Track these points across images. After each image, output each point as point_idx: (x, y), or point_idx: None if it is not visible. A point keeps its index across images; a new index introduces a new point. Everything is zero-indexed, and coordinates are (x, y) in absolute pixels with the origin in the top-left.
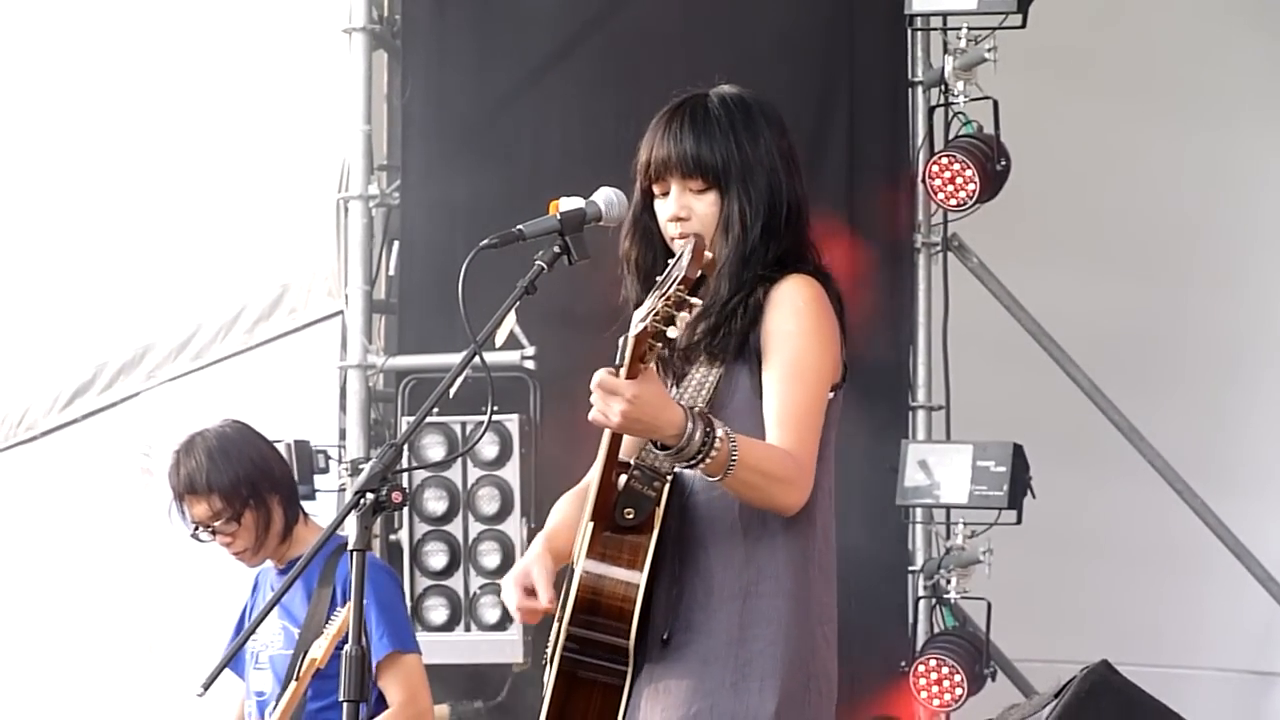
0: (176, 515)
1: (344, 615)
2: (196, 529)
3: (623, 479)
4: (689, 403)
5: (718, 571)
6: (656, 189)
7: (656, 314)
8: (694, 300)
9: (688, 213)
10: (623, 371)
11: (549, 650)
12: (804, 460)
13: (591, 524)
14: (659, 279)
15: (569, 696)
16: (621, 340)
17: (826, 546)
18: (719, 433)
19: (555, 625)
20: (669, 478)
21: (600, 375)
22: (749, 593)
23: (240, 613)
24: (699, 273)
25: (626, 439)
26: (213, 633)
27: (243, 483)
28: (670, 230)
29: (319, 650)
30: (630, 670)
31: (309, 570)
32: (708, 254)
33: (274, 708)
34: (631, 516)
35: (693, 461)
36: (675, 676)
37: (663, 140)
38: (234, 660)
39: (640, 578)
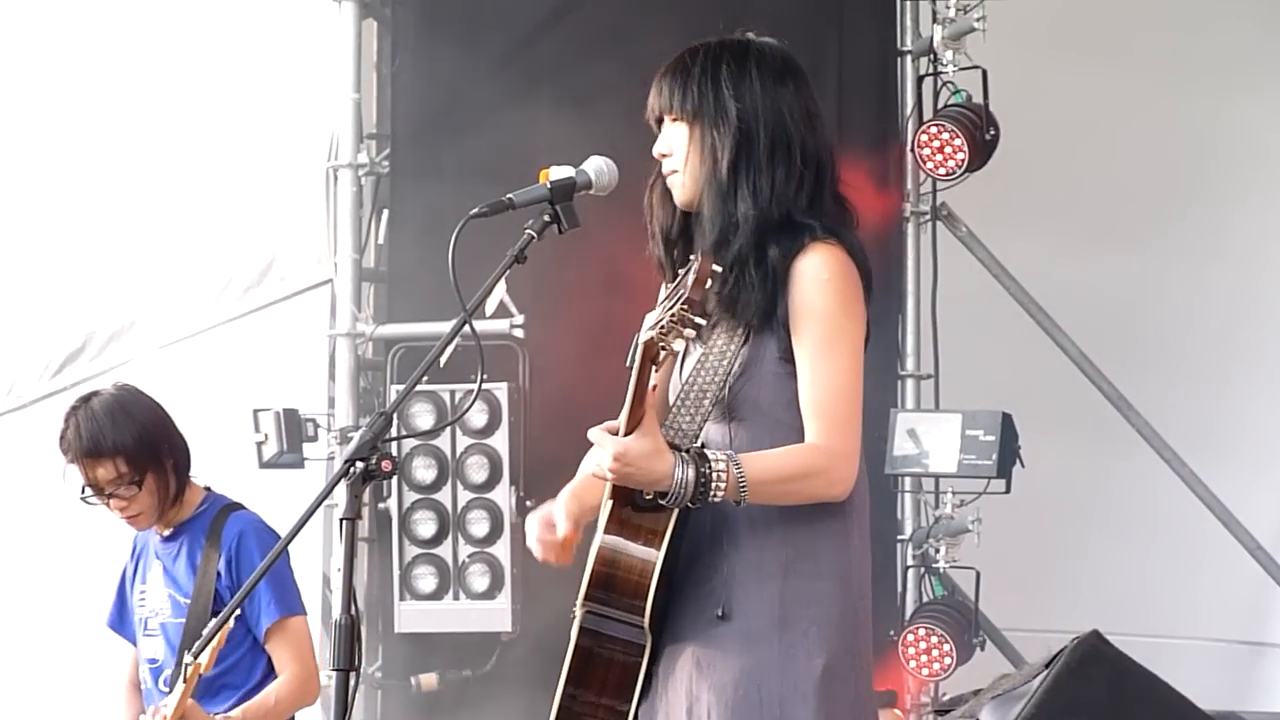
0: (70, 479)
1: (225, 628)
2: (90, 492)
3: None
4: (710, 370)
5: (755, 550)
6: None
7: (663, 327)
8: (698, 320)
9: (668, 148)
10: (631, 388)
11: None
12: (837, 445)
13: (611, 501)
14: (671, 285)
15: (586, 666)
16: (633, 342)
17: (864, 517)
18: (718, 467)
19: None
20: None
21: (594, 432)
22: (789, 572)
23: (120, 577)
24: (702, 294)
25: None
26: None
27: (146, 444)
28: (663, 166)
29: (204, 657)
30: (648, 644)
31: (194, 535)
32: (715, 267)
33: (166, 679)
34: (650, 496)
35: (697, 503)
36: (721, 653)
37: (653, 88)
38: (124, 625)
39: (657, 555)
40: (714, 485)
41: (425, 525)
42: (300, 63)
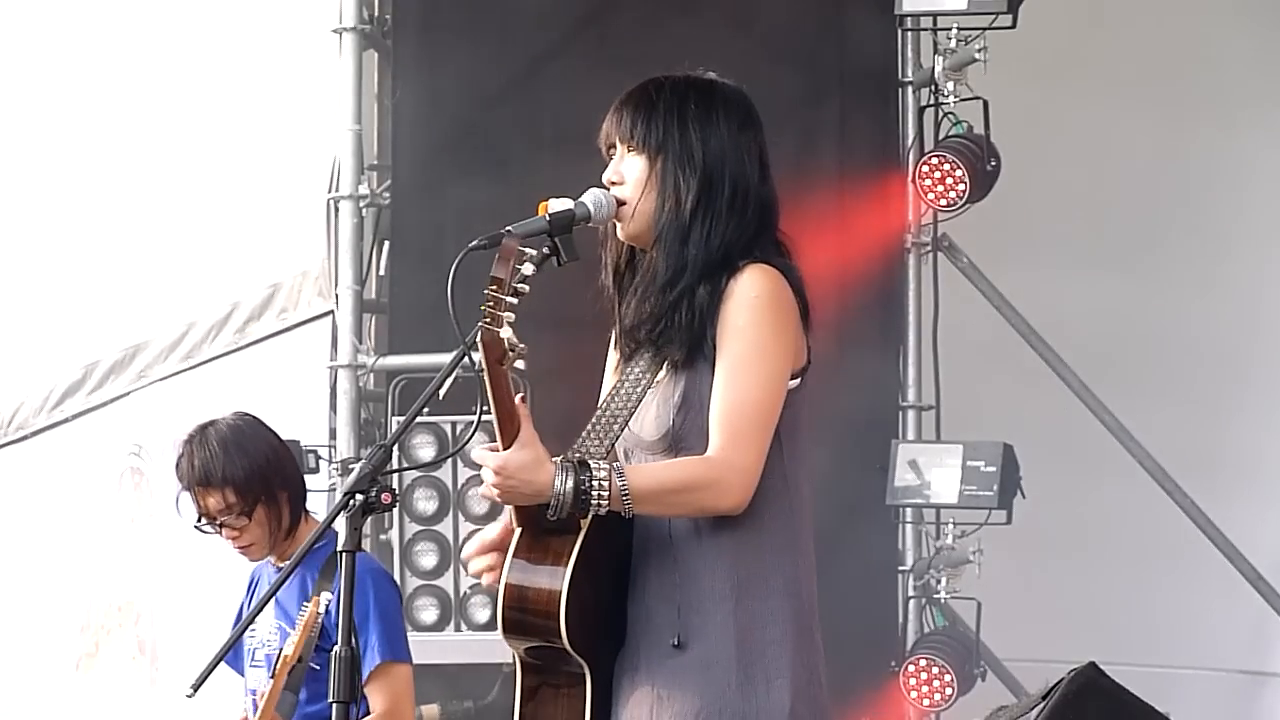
0: (185, 505)
1: (310, 610)
2: (203, 521)
3: None
4: (624, 397)
5: (705, 574)
6: None
7: (485, 318)
8: (509, 299)
9: (619, 177)
10: (489, 391)
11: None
12: (732, 459)
13: (520, 529)
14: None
15: (535, 703)
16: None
17: (809, 536)
18: (599, 476)
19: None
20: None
21: (475, 452)
22: (741, 593)
23: (238, 610)
24: (508, 273)
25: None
26: (204, 630)
27: (257, 477)
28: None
29: (290, 646)
30: (589, 670)
31: (309, 569)
32: (528, 251)
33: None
34: (554, 517)
35: (581, 510)
36: (678, 682)
37: (610, 114)
38: (236, 659)
39: (563, 574)
40: (595, 494)
41: (426, 557)
42: (301, 94)
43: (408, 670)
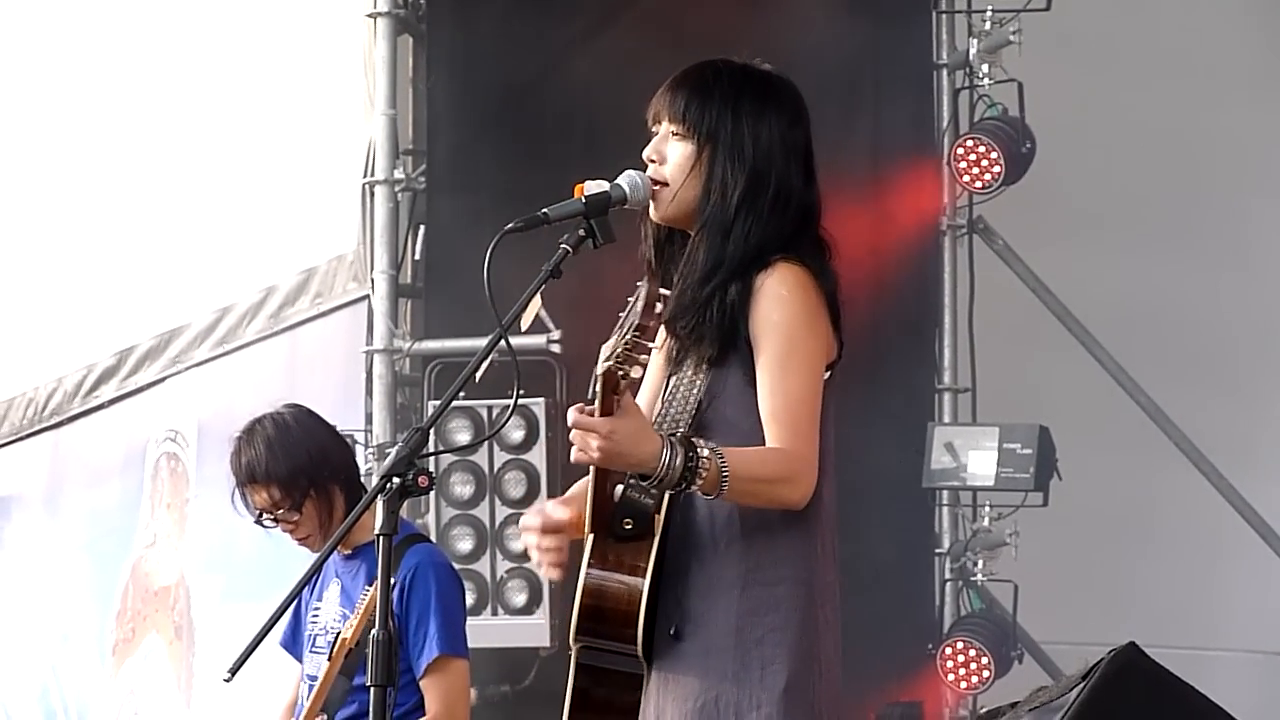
0: (240, 502)
1: (370, 594)
2: (259, 516)
3: (619, 489)
4: (681, 401)
5: (714, 563)
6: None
7: (619, 356)
8: (650, 345)
9: (660, 156)
10: (597, 407)
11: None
12: (803, 453)
13: (593, 535)
14: (622, 315)
15: (588, 698)
16: (593, 376)
17: (829, 526)
18: (704, 453)
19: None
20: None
21: (574, 415)
22: (747, 581)
23: (292, 592)
24: (652, 318)
25: None
26: (240, 616)
27: (301, 473)
28: (649, 171)
29: (349, 630)
30: (646, 671)
31: (372, 558)
32: (663, 290)
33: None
34: (630, 526)
35: (680, 487)
36: (682, 669)
37: (664, 90)
38: (295, 644)
39: (644, 583)
40: (699, 472)
41: (463, 541)
42: (336, 79)
43: (465, 666)
